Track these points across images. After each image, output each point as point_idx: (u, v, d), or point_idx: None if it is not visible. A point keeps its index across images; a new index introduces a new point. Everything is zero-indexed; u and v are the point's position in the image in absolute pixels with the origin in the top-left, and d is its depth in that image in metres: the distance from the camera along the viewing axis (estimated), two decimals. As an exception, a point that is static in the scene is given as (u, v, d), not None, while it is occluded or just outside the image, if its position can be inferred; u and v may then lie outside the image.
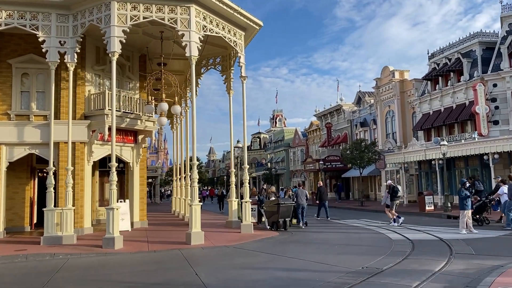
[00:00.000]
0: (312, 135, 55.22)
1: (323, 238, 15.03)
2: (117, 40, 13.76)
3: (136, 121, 17.67)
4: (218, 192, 37.69)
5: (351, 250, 12.21)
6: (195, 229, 13.56)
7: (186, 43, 14.19)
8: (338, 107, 46.80)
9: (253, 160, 77.79)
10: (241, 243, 13.59)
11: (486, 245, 12.46)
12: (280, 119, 76.38)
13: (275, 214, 17.40)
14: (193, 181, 13.85)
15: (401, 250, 11.53)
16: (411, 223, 18.91)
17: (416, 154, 29.14)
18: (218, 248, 12.75)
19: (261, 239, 14.64)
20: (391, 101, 36.64)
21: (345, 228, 18.43)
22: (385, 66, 37.62)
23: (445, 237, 13.95)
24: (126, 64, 18.84)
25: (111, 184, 13.30)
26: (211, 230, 17.09)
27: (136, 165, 18.94)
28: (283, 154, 63.22)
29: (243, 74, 16.88)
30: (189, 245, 13.21)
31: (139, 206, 18.95)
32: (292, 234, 16.14)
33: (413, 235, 14.76)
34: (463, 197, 15.44)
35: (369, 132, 41.56)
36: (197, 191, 13.81)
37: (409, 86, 35.41)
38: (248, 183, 17.07)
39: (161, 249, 12.66)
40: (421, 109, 33.02)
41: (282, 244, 13.64)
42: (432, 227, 17.15)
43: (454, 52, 30.37)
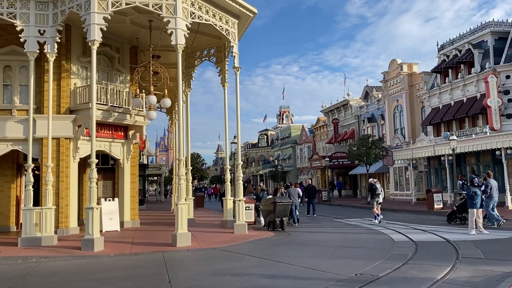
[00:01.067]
0: (319, 132, 54.06)
1: (320, 239, 14.03)
2: (97, 28, 12.86)
3: (125, 115, 16.79)
4: (221, 190, 36.76)
5: (347, 253, 11.18)
6: (181, 230, 12.64)
7: (172, 30, 13.26)
8: (345, 102, 45.58)
9: (260, 157, 76.88)
10: (231, 245, 12.64)
11: (496, 248, 11.35)
12: (287, 115, 75.17)
13: (271, 213, 16.43)
14: (179, 178, 12.92)
15: (402, 254, 10.47)
16: (417, 223, 17.81)
17: (424, 150, 27.91)
18: (204, 250, 11.82)
19: (254, 240, 13.67)
20: (399, 95, 35.36)
21: (346, 228, 17.39)
22: (393, 59, 36.32)
23: (452, 239, 12.86)
24: (115, 56, 17.96)
25: (91, 182, 12.43)
26: (204, 230, 16.18)
27: (127, 162, 18.08)
28: (290, 151, 62.14)
29: (236, 65, 15.91)
30: (174, 247, 12.30)
31: (130, 205, 18.09)
32: (288, 235, 15.16)
33: (417, 236, 13.68)
34: (472, 195, 14.30)
35: (377, 127, 40.31)
36: (183, 189, 12.89)
37: (417, 80, 34.10)
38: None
39: (143, 252, 11.77)
40: (430, 103, 31.74)
41: (275, 246, 12.67)
42: (439, 227, 16.04)
43: (465, 43, 29.03)
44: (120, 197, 17.95)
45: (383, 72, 37.25)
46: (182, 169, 12.99)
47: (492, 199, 15.62)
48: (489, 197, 15.58)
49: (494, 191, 15.64)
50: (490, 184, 15.69)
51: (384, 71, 37.14)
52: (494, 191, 15.64)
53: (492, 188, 15.62)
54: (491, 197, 15.61)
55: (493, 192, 15.60)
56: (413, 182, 30.39)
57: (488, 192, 15.52)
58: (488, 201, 15.57)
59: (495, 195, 15.71)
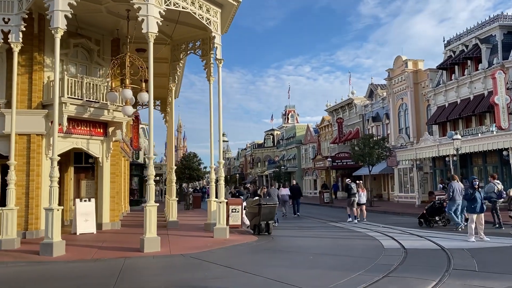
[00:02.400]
0: (324, 131, 52.77)
1: (304, 245, 12.90)
2: (62, 15, 11.88)
3: (102, 111, 15.84)
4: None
5: (327, 262, 10.04)
6: (150, 235, 11.62)
7: (143, 17, 12.27)
8: (349, 101, 44.25)
9: (266, 157, 75.74)
10: (204, 251, 11.58)
11: (495, 258, 10.15)
12: (293, 115, 73.89)
13: (256, 216, 15.34)
14: (148, 178, 11.90)
15: (387, 264, 9.31)
16: (416, 227, 16.58)
17: (428, 150, 26.58)
18: (172, 257, 10.77)
19: (232, 245, 12.60)
20: (404, 93, 33.99)
21: (338, 232, 16.24)
22: (398, 56, 34.96)
23: (448, 246, 11.66)
24: (94, 48, 17.02)
25: (52, 180, 11.49)
26: (183, 234, 15.16)
27: (106, 160, 17.12)
28: (295, 151, 60.89)
29: (218, 57, 14.86)
30: (141, 253, 11.29)
31: (109, 206, 17.12)
32: (272, 239, 14.06)
33: (411, 243, 12.49)
34: (471, 198, 13.06)
35: (381, 127, 38.94)
36: (152, 190, 11.85)
37: (423, 77, 32.72)
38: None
39: (106, 258, 10.75)
40: (435, 101, 30.35)
41: (252, 253, 11.59)
42: (438, 232, 14.84)
43: (472, 38, 27.63)
44: (99, 198, 17.02)
45: (388, 69, 35.91)
46: (151, 168, 11.96)
47: (455, 202, 15.52)
48: (452, 200, 15.54)
49: (456, 194, 15.45)
50: (453, 187, 15.60)
51: (389, 69, 35.79)
52: (456, 194, 15.44)
53: (455, 191, 15.48)
54: (454, 200, 15.50)
55: (455, 195, 15.43)
56: (417, 184, 29.06)
57: (451, 195, 15.50)
58: (451, 204, 15.60)
59: (458, 198, 15.42)
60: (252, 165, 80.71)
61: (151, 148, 12.35)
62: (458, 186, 15.66)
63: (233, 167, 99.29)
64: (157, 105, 28.52)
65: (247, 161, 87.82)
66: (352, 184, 20.45)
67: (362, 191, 20.46)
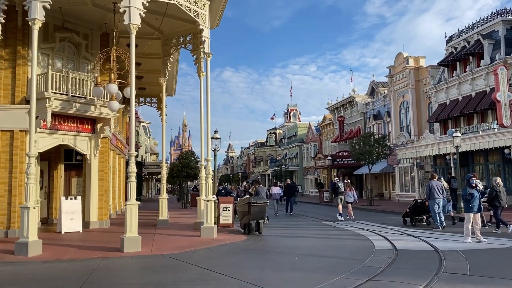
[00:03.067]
0: (325, 130, 52.19)
1: (292, 246, 12.40)
2: (40, 6, 11.44)
3: (89, 106, 15.42)
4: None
5: (312, 263, 9.54)
6: (130, 234, 11.16)
7: (125, 9, 11.78)
8: (350, 99, 43.65)
9: (268, 156, 75.25)
10: (186, 251, 11.12)
11: (490, 260, 9.61)
12: (295, 113, 73.24)
13: (246, 215, 14.86)
14: (130, 175, 11.45)
15: (374, 266, 8.81)
16: (413, 227, 16.05)
17: (429, 148, 26.00)
18: (150, 258, 10.30)
19: (218, 245, 12.13)
20: (405, 90, 33.36)
21: (330, 231, 15.74)
22: (399, 53, 34.33)
23: (442, 247, 11.14)
24: (82, 43, 16.58)
25: (28, 178, 11.05)
26: (170, 233, 14.71)
27: (95, 157, 16.70)
28: (297, 150, 60.35)
29: (206, 51, 14.40)
30: (121, 253, 10.84)
31: (97, 204, 16.69)
32: (261, 239, 13.59)
33: (404, 244, 11.97)
34: (468, 197, 12.50)
35: (383, 125, 38.32)
36: (133, 187, 11.40)
37: (424, 74, 32.08)
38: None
39: (83, 258, 10.30)
40: (437, 99, 29.72)
41: (236, 253, 11.11)
42: (435, 233, 14.31)
43: (474, 33, 26.97)
44: (86, 196, 16.61)
45: (389, 66, 35.29)
46: (132, 165, 11.50)
47: (434, 201, 15.48)
48: (431, 199, 15.56)
49: (434, 192, 15.47)
50: (430, 186, 15.68)
51: (390, 66, 35.17)
52: (434, 192, 15.46)
53: (432, 189, 15.52)
54: (434, 199, 15.49)
55: (433, 193, 15.44)
56: (418, 183, 28.45)
57: (428, 194, 15.60)
58: (431, 202, 15.59)
59: (437, 196, 15.42)
60: (254, 164, 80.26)
61: (132, 144, 11.87)
62: (436, 185, 15.70)
63: (236, 166, 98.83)
64: (153, 102, 28.10)
65: (250, 160, 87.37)
66: (339, 183, 21.15)
67: (350, 190, 20.85)
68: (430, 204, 15.69)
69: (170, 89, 28.86)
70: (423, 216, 16.84)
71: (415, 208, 17.01)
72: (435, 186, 15.65)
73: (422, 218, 16.84)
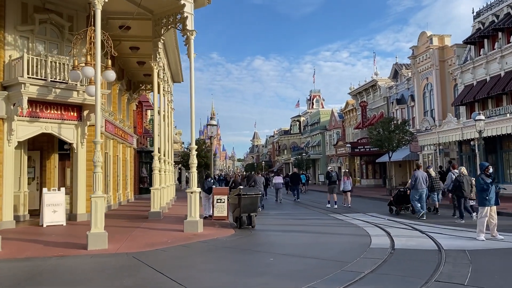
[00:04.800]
0: (349, 116, 50.16)
1: (277, 243, 11.18)
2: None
3: (71, 92, 14.52)
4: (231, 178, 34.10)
5: (285, 266, 8.21)
6: (95, 230, 10.16)
7: (89, -19, 10.66)
8: (373, 83, 41.50)
9: (292, 144, 73.71)
10: (156, 249, 10.03)
11: (498, 263, 8.08)
12: (318, 100, 71.10)
13: (237, 208, 13.64)
14: (95, 166, 10.41)
15: (356, 271, 7.43)
16: (427, 221, 14.44)
17: (451, 134, 23.98)
18: (111, 257, 9.24)
19: (195, 242, 10.99)
20: (429, 72, 31.12)
21: (329, 225, 14.35)
22: (423, 32, 32.03)
23: (448, 245, 9.63)
24: (65, 25, 15.64)
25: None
26: (156, 227, 13.69)
27: (81, 146, 15.83)
28: (319, 137, 58.53)
29: (189, 28, 13.21)
30: (85, 251, 9.86)
31: (85, 196, 15.84)
32: (250, 234, 12.41)
33: (405, 241, 10.51)
34: (483, 188, 10.83)
35: (406, 110, 36.17)
36: (99, 179, 10.36)
37: (450, 54, 29.75)
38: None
39: (39, 256, 9.33)
40: (462, 80, 27.47)
41: (209, 252, 9.93)
42: (447, 227, 12.73)
43: (504, 6, 24.53)
44: (74, 187, 15.80)
45: (412, 46, 33.04)
46: (97, 154, 10.45)
47: (417, 191, 15.50)
48: (414, 189, 15.58)
49: (419, 183, 15.48)
50: (415, 176, 15.70)
51: (413, 46, 32.91)
52: (419, 183, 15.47)
53: (417, 180, 15.51)
54: (416, 189, 15.50)
55: (417, 183, 15.47)
56: (441, 171, 26.41)
57: (413, 184, 15.61)
58: (414, 192, 15.64)
59: (420, 187, 15.45)
60: (278, 152, 78.91)
61: (98, 133, 10.73)
62: (422, 175, 15.76)
63: (262, 154, 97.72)
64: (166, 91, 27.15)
65: (274, 149, 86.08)
66: (332, 173, 22.40)
67: (347, 179, 21.55)
68: (412, 194, 15.73)
69: (177, 75, 27.88)
70: (407, 204, 16.89)
71: (398, 197, 17.16)
72: (420, 176, 15.68)
73: (407, 206, 16.91)
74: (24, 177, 16.18)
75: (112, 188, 21.78)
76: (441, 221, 14.28)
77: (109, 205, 20.71)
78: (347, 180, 21.47)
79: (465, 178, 14.28)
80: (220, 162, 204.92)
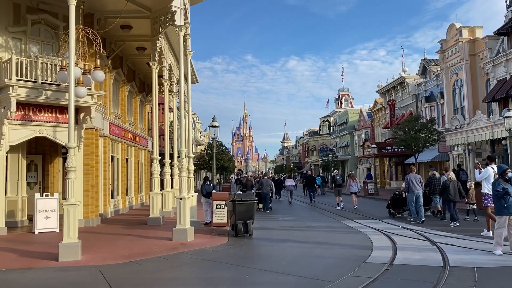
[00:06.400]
0: (377, 115, 48.23)
1: (265, 256, 10.24)
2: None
3: (63, 94, 13.96)
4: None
5: (257, 286, 7.21)
6: (67, 240, 9.48)
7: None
8: (401, 80, 39.58)
9: (321, 145, 72.10)
10: (130, 261, 9.26)
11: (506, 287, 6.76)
12: (347, 99, 69.06)
13: (233, 215, 12.71)
14: (67, 171, 9.74)
15: (333, 294, 6.34)
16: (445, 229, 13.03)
17: (481, 133, 22.20)
18: (74, 271, 8.50)
19: (178, 253, 10.15)
20: (459, 67, 29.14)
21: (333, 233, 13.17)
22: (451, 24, 30.04)
23: (457, 261, 8.40)
24: (60, 25, 15.22)
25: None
26: (146, 235, 12.99)
27: (78, 150, 15.30)
28: (348, 138, 56.75)
29: (177, 23, 12.48)
30: (55, 262, 9.21)
31: (83, 201, 15.31)
32: (242, 244, 11.42)
33: (410, 254, 9.31)
34: (501, 193, 9.43)
35: (436, 107, 34.15)
36: (72, 185, 9.69)
37: (481, 47, 27.70)
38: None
39: (4, 269, 8.74)
40: (495, 74, 25.47)
41: (186, 266, 9.07)
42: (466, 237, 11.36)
43: (539, -7, 22.49)
44: (70, 192, 15.28)
45: (440, 40, 31.09)
46: (71, 158, 9.78)
47: (413, 194, 15.33)
48: (410, 192, 15.42)
49: (412, 185, 15.34)
50: (408, 179, 15.61)
51: (441, 40, 30.98)
52: (412, 186, 15.34)
53: (409, 183, 15.44)
54: (412, 192, 15.34)
55: (411, 186, 15.32)
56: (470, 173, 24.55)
57: (407, 187, 15.51)
58: (409, 196, 15.47)
59: (414, 189, 15.28)
60: (307, 153, 77.44)
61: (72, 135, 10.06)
62: (414, 177, 15.59)
63: (291, 156, 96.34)
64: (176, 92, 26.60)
65: (304, 150, 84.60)
66: (337, 176, 23.82)
67: (353, 182, 22.32)
68: (408, 198, 15.56)
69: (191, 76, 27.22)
70: (404, 207, 16.78)
71: (394, 200, 17.10)
72: (413, 179, 15.53)
73: (404, 209, 16.80)
74: (23, 181, 15.87)
75: (121, 192, 21.35)
76: (459, 229, 12.83)
77: (116, 209, 20.29)
78: (353, 182, 22.35)
79: (452, 183, 14.31)
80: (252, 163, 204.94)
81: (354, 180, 22.55)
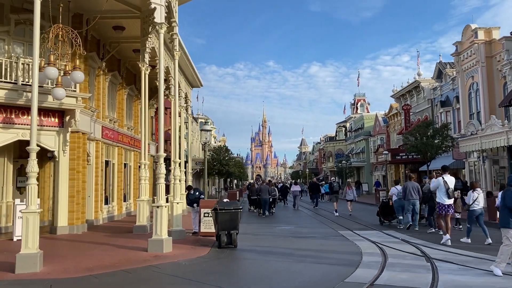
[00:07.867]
0: (393, 121, 46.80)
1: (237, 271, 9.46)
2: None
3: (46, 96, 13.45)
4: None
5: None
6: (26, 250, 8.84)
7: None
8: (415, 84, 38.22)
9: (338, 151, 70.71)
10: (90, 274, 8.56)
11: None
12: (362, 104, 67.56)
13: (216, 225, 11.92)
14: (28, 176, 9.10)
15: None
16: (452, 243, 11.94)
17: (495, 139, 20.85)
18: (25, 285, 7.86)
19: (146, 266, 9.40)
20: (475, 70, 27.75)
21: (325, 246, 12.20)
22: (467, 25, 28.67)
23: (448, 282, 7.50)
24: (46, 25, 14.52)
25: None
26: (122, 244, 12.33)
27: (63, 154, 14.78)
28: (363, 144, 55.36)
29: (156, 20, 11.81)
30: (11, 274, 8.57)
31: (67, 207, 14.76)
32: (219, 258, 10.59)
33: (397, 273, 8.34)
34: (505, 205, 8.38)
35: (451, 112, 32.69)
36: (32, 191, 9.04)
37: (498, 48, 26.28)
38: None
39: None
40: (512, 77, 24.07)
41: (147, 281, 8.27)
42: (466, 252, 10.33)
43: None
44: (55, 197, 14.80)
45: (455, 42, 29.74)
46: (33, 162, 9.13)
47: (409, 202, 15.36)
48: (407, 200, 15.38)
49: (409, 193, 15.33)
50: (405, 186, 15.61)
51: (456, 42, 29.62)
52: (408, 194, 15.31)
53: (406, 191, 15.40)
54: (408, 200, 15.35)
55: (407, 194, 15.32)
56: (486, 181, 23.21)
57: (404, 195, 15.47)
58: (407, 204, 15.44)
59: (410, 197, 15.29)
60: (323, 159, 76.12)
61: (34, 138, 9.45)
62: (412, 186, 15.57)
63: (308, 161, 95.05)
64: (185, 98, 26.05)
65: (320, 156, 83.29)
66: (334, 183, 24.95)
67: (349, 189, 23.33)
68: (406, 205, 15.52)
69: (193, 80, 26.70)
70: (392, 215, 16.91)
71: (382, 208, 17.18)
72: (410, 187, 15.52)
73: (394, 217, 16.85)
74: (8, 186, 15.44)
75: (117, 198, 20.80)
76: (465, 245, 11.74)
77: (111, 216, 19.73)
78: (349, 190, 23.36)
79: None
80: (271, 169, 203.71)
81: (350, 188, 23.61)
